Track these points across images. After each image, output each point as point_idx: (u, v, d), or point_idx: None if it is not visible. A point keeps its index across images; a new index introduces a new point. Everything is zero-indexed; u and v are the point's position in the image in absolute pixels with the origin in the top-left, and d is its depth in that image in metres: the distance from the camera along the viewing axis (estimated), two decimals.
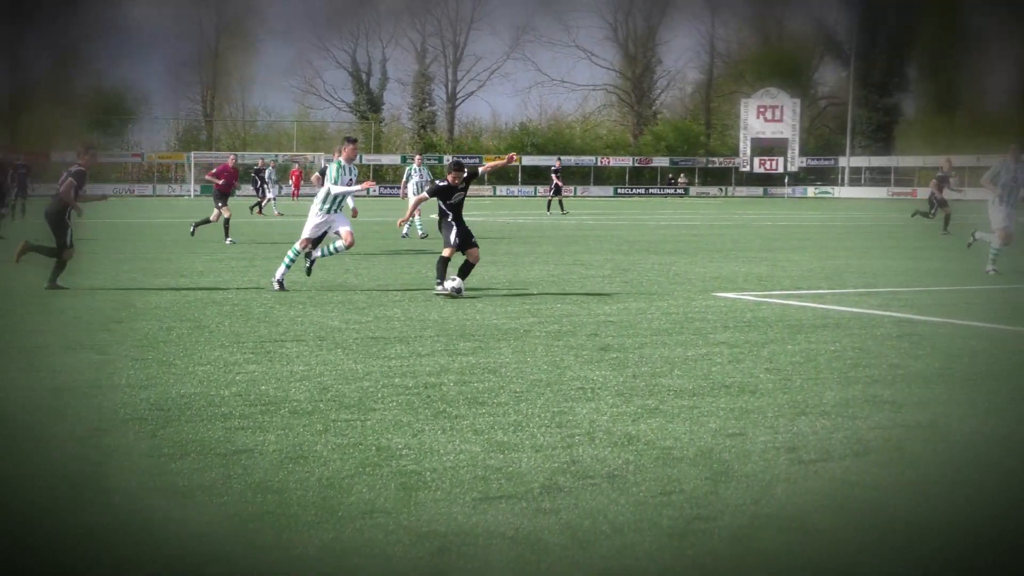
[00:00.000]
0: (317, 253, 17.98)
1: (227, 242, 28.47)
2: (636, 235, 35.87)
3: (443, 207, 16.66)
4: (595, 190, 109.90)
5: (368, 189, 19.28)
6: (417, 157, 36.62)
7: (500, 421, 8.37)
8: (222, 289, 17.41)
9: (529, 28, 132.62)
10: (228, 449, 7.49)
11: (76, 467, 7.11)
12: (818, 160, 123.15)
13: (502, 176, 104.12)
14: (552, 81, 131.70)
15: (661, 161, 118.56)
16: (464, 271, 16.45)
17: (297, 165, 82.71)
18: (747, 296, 16.81)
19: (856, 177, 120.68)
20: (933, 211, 38.61)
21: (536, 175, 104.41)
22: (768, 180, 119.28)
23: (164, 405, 8.81)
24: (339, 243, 17.77)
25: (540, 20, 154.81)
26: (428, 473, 6.96)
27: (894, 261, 24.74)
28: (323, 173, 25.52)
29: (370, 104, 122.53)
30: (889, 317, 14.46)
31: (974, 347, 12.03)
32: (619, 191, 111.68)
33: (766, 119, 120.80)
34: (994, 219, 21.42)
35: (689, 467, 7.14)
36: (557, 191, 55.84)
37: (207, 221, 29.90)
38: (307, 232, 17.73)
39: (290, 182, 74.51)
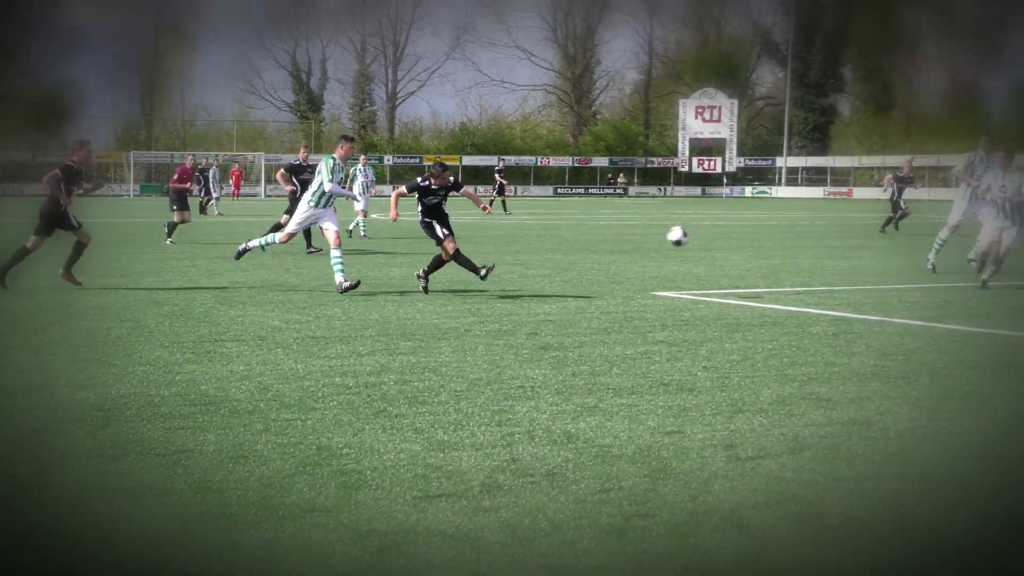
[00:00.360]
0: (253, 243, 17.99)
1: (168, 242, 28.30)
2: (576, 235, 35.96)
3: (421, 207, 16.77)
4: (535, 190, 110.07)
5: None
6: (362, 157, 36.52)
7: (440, 420, 8.37)
8: (162, 289, 17.31)
9: (469, 28, 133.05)
10: (168, 449, 7.45)
11: (18, 468, 7.05)
12: (756, 160, 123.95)
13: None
14: (492, 81, 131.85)
15: (600, 161, 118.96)
16: (433, 267, 16.61)
17: (237, 165, 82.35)
18: (685, 295, 16.89)
19: (793, 177, 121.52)
20: (899, 212, 38.66)
21: (476, 175, 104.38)
22: (706, 180, 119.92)
23: (104, 405, 8.75)
24: (277, 236, 17.83)
25: (480, 21, 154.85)
26: (368, 472, 6.95)
27: (830, 260, 24.92)
28: (293, 171, 25.50)
29: (310, 104, 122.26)
30: (825, 315, 14.57)
31: (908, 345, 12.14)
32: (559, 191, 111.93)
33: (704, 119, 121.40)
34: (955, 212, 21.24)
35: (628, 465, 7.17)
36: (501, 190, 55.93)
37: (175, 225, 29.41)
38: (292, 227, 17.83)
39: (230, 182, 74.13)
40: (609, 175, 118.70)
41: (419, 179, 17.33)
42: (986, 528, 5.99)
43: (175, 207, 29.30)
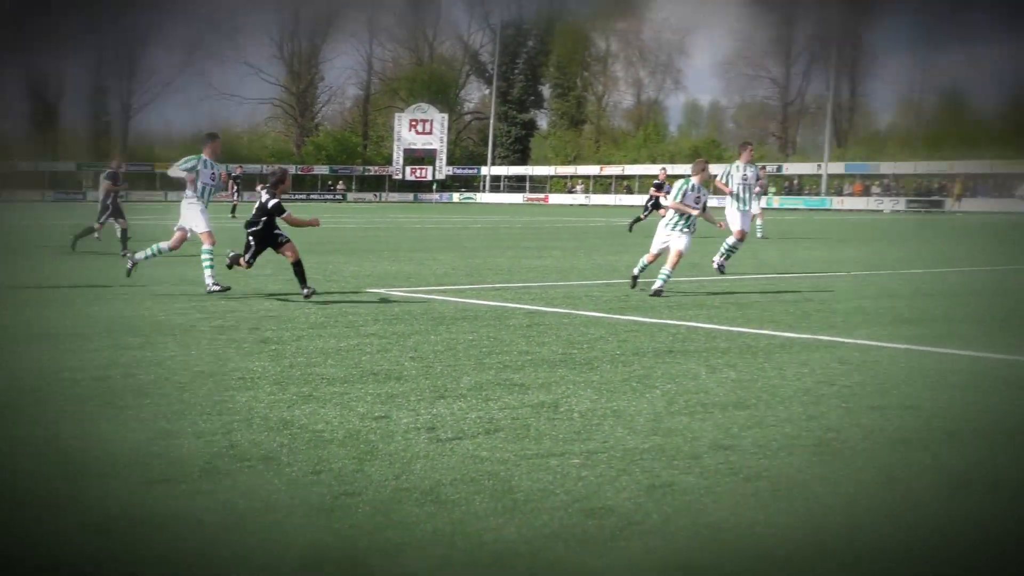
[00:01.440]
0: (140, 255, 16.66)
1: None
2: (297, 237, 35.55)
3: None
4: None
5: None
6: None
7: (164, 410, 8.19)
8: None
9: (201, 45, 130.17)
10: None
11: None
12: (463, 169, 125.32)
13: (173, 183, 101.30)
14: (222, 95, 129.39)
15: (322, 169, 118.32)
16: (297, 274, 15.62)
17: None
18: (396, 292, 16.93)
19: (496, 184, 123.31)
20: (646, 213, 39.48)
21: None
22: (418, 187, 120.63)
23: None
24: (163, 244, 16.50)
25: (212, 37, 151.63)
26: (93, 461, 6.76)
27: (527, 260, 25.31)
28: (112, 178, 24.31)
29: (46, 113, 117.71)
30: (520, 309, 14.80)
31: (592, 334, 12.43)
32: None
33: (418, 132, 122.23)
34: (731, 219, 21.48)
35: (338, 448, 7.15)
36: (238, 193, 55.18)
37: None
38: (205, 225, 16.30)
39: None
40: (329, 182, 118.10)
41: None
42: (647, 496, 6.19)
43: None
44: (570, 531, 5.62)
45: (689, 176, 16.96)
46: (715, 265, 20.30)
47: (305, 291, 15.22)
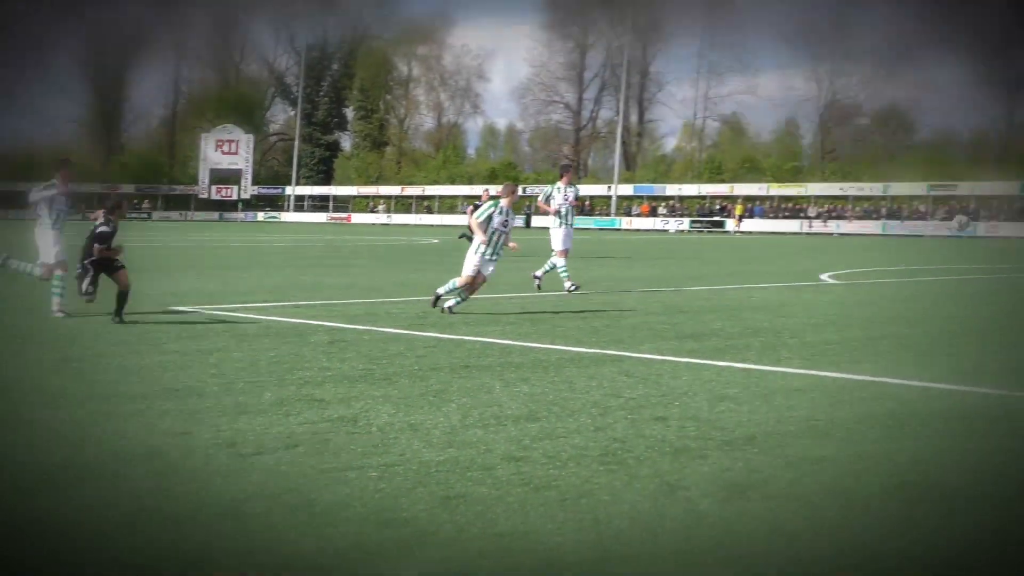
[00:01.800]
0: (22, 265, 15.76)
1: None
2: None
3: None
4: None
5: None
6: None
7: None
8: None
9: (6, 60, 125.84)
10: None
11: None
12: (268, 189, 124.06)
13: None
14: (24, 111, 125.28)
15: (127, 188, 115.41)
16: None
17: None
18: (200, 309, 16.61)
19: (300, 204, 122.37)
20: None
21: (9, 200, 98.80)
22: (224, 206, 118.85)
23: None
24: (36, 270, 15.65)
25: (14, 53, 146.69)
26: None
27: (329, 277, 25.14)
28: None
29: None
30: (323, 326, 14.68)
31: (392, 350, 12.40)
32: (87, 215, 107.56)
33: (223, 152, 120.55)
34: (555, 239, 21.68)
35: (138, 465, 6.98)
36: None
37: None
38: (56, 256, 15.40)
39: None
40: (135, 200, 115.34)
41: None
42: (442, 507, 6.20)
43: None
44: (367, 542, 5.60)
45: (499, 199, 16.95)
46: (558, 286, 20.84)
47: (116, 319, 14.68)
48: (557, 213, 21.65)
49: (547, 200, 21.91)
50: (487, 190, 44.06)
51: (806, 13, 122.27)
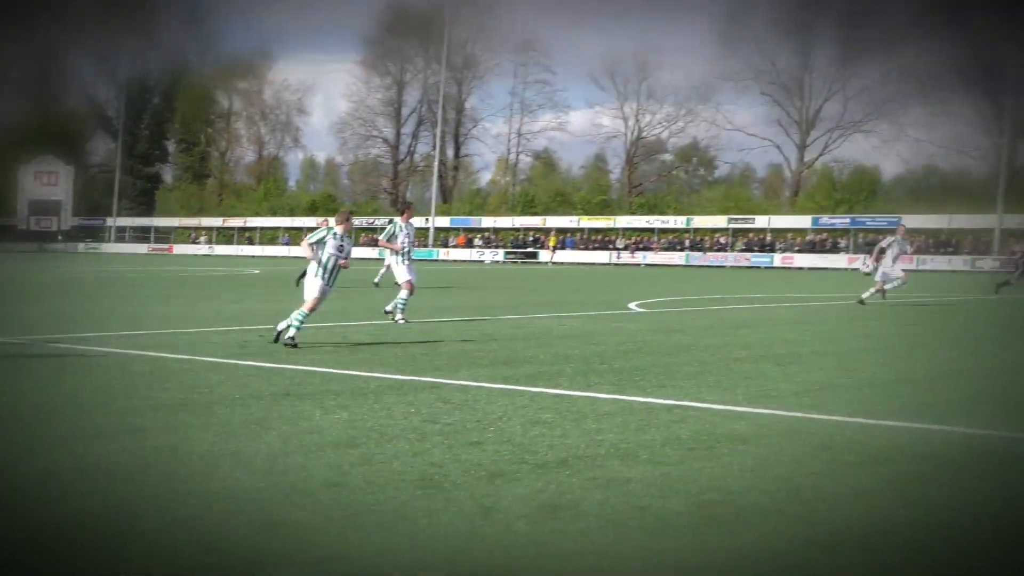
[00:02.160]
0: None
1: None
2: None
3: None
4: None
5: None
6: None
7: None
8: None
9: None
10: None
11: None
12: (89, 220, 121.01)
13: None
14: None
15: None
16: None
17: None
18: (17, 340, 16.03)
19: (121, 235, 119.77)
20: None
21: None
22: (44, 237, 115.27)
23: None
24: None
25: None
26: None
27: (151, 307, 24.60)
28: None
29: None
30: (144, 355, 14.34)
31: (212, 379, 12.17)
32: None
33: (43, 183, 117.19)
34: (399, 273, 21.61)
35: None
36: None
37: None
38: None
39: None
40: None
41: None
42: (260, 534, 6.11)
43: None
44: (186, 571, 5.48)
45: (332, 226, 16.77)
46: (396, 320, 20.92)
47: None
48: (403, 251, 22.07)
49: (390, 238, 22.36)
50: (326, 220, 43.71)
51: (612, 54, 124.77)
